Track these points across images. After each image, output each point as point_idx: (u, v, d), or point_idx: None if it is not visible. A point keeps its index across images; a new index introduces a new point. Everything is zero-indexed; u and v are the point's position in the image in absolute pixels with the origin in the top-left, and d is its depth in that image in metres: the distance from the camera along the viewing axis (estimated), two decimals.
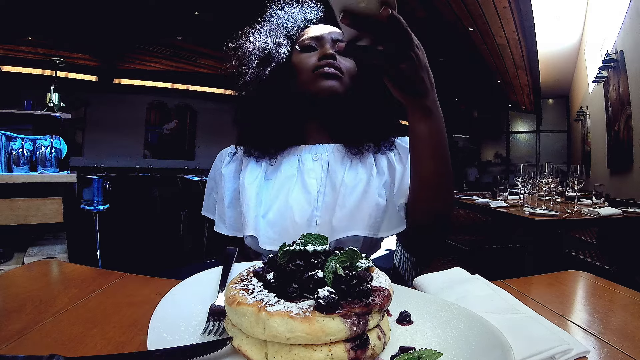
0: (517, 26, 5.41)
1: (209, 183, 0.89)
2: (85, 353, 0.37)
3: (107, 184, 2.63)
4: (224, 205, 0.81)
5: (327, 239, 0.43)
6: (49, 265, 0.69)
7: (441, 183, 0.63)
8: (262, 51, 0.80)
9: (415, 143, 0.61)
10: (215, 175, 0.87)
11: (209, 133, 8.23)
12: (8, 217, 1.95)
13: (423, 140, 0.59)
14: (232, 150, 0.88)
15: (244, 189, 0.76)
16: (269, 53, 0.80)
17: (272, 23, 0.83)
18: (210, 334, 0.40)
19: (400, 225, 0.74)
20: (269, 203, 0.77)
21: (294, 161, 0.80)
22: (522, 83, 8.13)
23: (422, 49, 0.52)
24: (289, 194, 0.77)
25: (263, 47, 0.80)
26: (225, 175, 0.83)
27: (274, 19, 0.83)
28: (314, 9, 0.85)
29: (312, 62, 0.76)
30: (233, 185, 0.82)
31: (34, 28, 5.21)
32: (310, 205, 0.76)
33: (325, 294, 0.34)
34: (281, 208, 0.76)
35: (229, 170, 0.84)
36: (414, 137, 0.60)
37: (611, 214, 2.06)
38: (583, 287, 0.67)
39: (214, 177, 0.87)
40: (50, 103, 2.49)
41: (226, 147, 0.90)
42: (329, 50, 0.75)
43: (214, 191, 0.87)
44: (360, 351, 0.35)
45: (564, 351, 0.39)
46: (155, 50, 6.53)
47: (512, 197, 2.81)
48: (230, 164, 0.85)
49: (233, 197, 0.81)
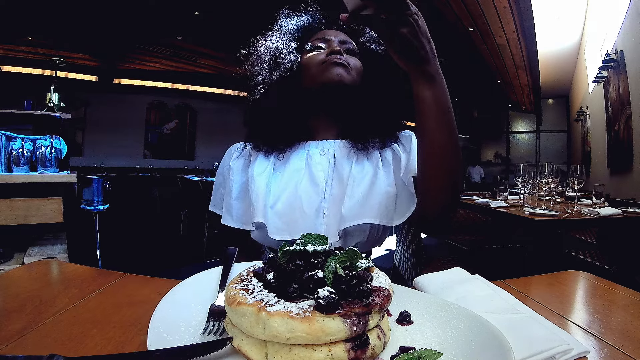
0: (517, 26, 5.41)
1: (217, 179, 0.90)
2: (85, 353, 0.37)
3: (107, 184, 2.63)
4: (231, 198, 0.82)
5: (327, 239, 0.43)
6: (49, 265, 0.69)
7: (449, 150, 0.64)
8: (274, 53, 0.83)
9: (420, 109, 0.62)
10: (223, 171, 0.88)
11: (209, 133, 8.24)
12: (8, 217, 1.95)
13: (428, 106, 0.60)
14: (241, 146, 0.89)
15: (253, 179, 0.78)
16: (280, 55, 0.82)
17: (282, 30, 0.87)
18: (210, 334, 0.40)
19: (411, 205, 0.75)
20: (278, 194, 0.78)
21: (302, 155, 0.82)
22: (522, 83, 8.13)
23: (421, 17, 0.56)
24: (297, 185, 0.78)
25: (274, 50, 0.83)
26: (233, 168, 0.85)
27: (284, 26, 0.87)
28: (321, 17, 0.89)
29: (321, 57, 0.79)
30: (241, 178, 0.84)
31: (34, 28, 5.21)
32: (318, 196, 0.77)
33: (325, 294, 0.34)
34: (290, 198, 0.77)
35: (238, 164, 0.85)
36: (419, 103, 0.61)
37: (611, 214, 2.06)
38: (583, 287, 0.67)
39: (222, 173, 0.88)
40: (50, 103, 2.49)
41: (233, 144, 0.92)
42: (336, 47, 0.79)
43: (221, 186, 0.88)
44: (360, 351, 0.35)
45: (564, 351, 0.39)
46: (155, 50, 6.53)
47: (512, 197, 2.81)
48: (239, 159, 0.86)
49: (241, 190, 0.83)
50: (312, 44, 0.83)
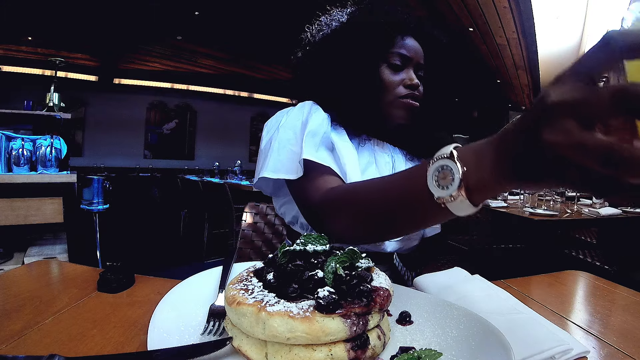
0: (517, 26, 5.41)
1: (284, 134, 0.72)
2: (85, 353, 0.37)
3: (107, 184, 2.62)
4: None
5: (327, 238, 0.43)
6: (49, 265, 0.69)
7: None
8: (353, 49, 0.77)
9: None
10: (295, 124, 0.73)
11: (209, 133, 8.24)
12: (8, 217, 1.95)
13: None
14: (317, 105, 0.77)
15: (345, 145, 0.73)
16: (360, 53, 0.76)
17: (365, 23, 0.79)
18: (210, 334, 0.40)
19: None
20: (363, 169, 0.77)
21: (370, 150, 0.82)
22: (522, 83, 8.12)
23: None
24: (373, 174, 0.77)
25: (354, 46, 0.77)
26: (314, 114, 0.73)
27: (370, 16, 0.80)
28: (409, 18, 0.81)
29: (399, 88, 0.78)
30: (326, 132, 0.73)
31: (34, 28, 5.21)
32: None
33: (325, 294, 0.34)
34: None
35: (320, 115, 0.74)
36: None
37: (611, 214, 2.06)
38: (583, 287, 0.67)
39: (293, 126, 0.72)
40: (50, 103, 2.49)
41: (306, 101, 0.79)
42: (414, 79, 0.78)
43: (290, 143, 0.71)
44: (360, 351, 0.35)
45: (564, 351, 0.39)
46: (155, 50, 6.52)
47: (512, 197, 2.81)
48: (321, 112, 0.75)
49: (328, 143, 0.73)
50: (393, 58, 0.78)
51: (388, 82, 0.78)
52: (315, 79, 0.82)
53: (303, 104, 0.77)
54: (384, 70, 0.78)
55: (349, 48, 0.77)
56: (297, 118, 0.73)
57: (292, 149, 0.70)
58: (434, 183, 0.39)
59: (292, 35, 0.94)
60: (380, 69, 0.78)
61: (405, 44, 0.79)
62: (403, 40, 0.79)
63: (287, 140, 0.71)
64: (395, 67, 0.78)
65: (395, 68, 0.78)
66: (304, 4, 1.74)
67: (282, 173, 0.69)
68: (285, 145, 0.71)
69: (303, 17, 0.91)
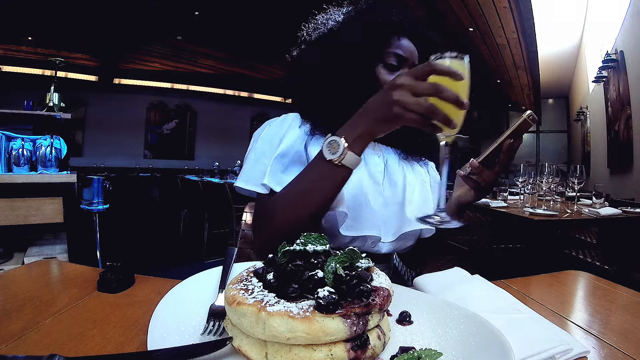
0: (517, 26, 5.41)
1: (261, 146, 0.76)
2: (85, 353, 0.37)
3: (107, 184, 2.62)
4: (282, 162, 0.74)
5: (327, 238, 0.43)
6: (49, 265, 0.69)
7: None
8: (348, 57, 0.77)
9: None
10: (272, 137, 0.77)
11: (209, 133, 8.24)
12: (8, 217, 1.95)
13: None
14: (300, 119, 0.80)
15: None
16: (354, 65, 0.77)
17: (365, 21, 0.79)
18: (210, 334, 0.40)
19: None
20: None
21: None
22: (522, 83, 8.12)
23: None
24: (360, 180, 0.77)
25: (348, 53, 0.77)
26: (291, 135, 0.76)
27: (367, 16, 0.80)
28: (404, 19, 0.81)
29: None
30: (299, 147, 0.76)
31: (34, 28, 5.21)
32: (380, 195, 0.80)
33: (325, 294, 0.34)
34: (354, 191, 0.75)
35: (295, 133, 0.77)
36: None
37: (611, 214, 2.06)
38: (583, 287, 0.67)
39: (270, 139, 0.77)
40: (50, 103, 2.49)
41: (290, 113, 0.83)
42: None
43: (265, 156, 0.75)
44: (360, 351, 0.35)
45: (564, 351, 0.39)
46: (155, 50, 6.52)
47: (512, 197, 2.81)
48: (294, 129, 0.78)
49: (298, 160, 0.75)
50: (389, 58, 0.78)
51: (384, 81, 0.78)
52: (310, 77, 0.82)
53: (285, 116, 0.82)
54: (380, 70, 0.79)
55: (345, 47, 0.77)
56: (275, 133, 0.78)
57: (265, 162, 0.75)
58: (328, 152, 0.58)
59: (292, 36, 0.94)
60: (377, 69, 0.78)
61: (401, 44, 0.79)
62: (399, 41, 0.79)
63: (262, 153, 0.76)
64: (391, 67, 0.78)
65: (391, 68, 0.79)
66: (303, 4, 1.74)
67: (252, 185, 0.74)
68: (260, 158, 0.76)
69: (303, 17, 0.91)
